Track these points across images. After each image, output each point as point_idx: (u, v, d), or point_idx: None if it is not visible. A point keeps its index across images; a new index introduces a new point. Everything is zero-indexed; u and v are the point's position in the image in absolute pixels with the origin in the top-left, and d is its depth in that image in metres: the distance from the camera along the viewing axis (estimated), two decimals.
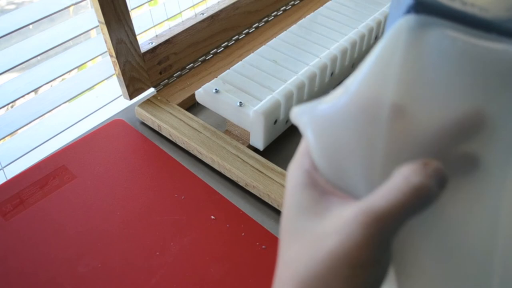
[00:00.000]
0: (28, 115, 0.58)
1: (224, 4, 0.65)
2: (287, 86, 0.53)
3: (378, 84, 0.22)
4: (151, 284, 0.43)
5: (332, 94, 0.24)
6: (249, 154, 0.52)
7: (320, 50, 0.59)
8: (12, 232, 0.47)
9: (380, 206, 0.19)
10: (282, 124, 0.55)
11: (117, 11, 0.51)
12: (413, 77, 0.22)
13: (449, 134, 0.21)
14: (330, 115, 0.23)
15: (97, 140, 0.56)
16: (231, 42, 0.68)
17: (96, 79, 0.64)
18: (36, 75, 0.58)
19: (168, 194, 0.51)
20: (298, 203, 0.23)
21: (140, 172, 0.53)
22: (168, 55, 0.60)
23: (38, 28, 0.62)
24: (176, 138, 0.56)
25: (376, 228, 0.19)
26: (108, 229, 0.47)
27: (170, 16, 0.64)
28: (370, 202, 0.20)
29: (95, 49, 0.63)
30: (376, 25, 0.64)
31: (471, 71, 0.21)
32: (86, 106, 0.64)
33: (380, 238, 0.19)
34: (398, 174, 0.20)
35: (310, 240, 0.21)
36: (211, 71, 0.64)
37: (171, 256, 0.45)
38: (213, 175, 0.53)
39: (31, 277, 0.43)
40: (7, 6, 1.22)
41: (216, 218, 0.48)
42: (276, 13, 0.74)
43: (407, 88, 0.22)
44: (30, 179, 0.52)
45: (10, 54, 0.55)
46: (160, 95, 0.60)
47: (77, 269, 0.44)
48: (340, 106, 0.23)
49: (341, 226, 0.20)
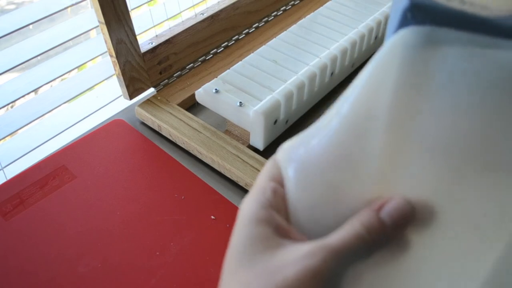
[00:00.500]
0: (28, 115, 0.58)
1: (224, 4, 0.65)
2: (287, 86, 0.53)
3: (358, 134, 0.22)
4: (151, 284, 0.43)
5: (317, 127, 0.24)
6: (249, 154, 0.52)
7: (320, 50, 0.59)
8: (12, 232, 0.47)
9: (334, 243, 0.21)
10: (282, 124, 0.55)
11: (117, 11, 0.51)
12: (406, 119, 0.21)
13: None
14: (312, 159, 0.24)
15: (97, 140, 0.56)
16: (231, 42, 0.68)
17: (96, 79, 0.64)
18: (36, 75, 0.58)
19: (168, 194, 0.51)
20: (250, 235, 0.23)
21: (140, 172, 0.53)
22: (168, 55, 0.60)
23: (38, 28, 0.62)
24: (176, 138, 0.56)
25: (331, 261, 0.21)
26: (108, 229, 0.47)
27: (170, 16, 0.64)
28: (327, 240, 0.22)
29: (95, 49, 0.63)
30: (376, 25, 0.64)
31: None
32: (86, 106, 0.64)
33: (334, 271, 0.21)
34: (352, 220, 0.23)
35: (263, 271, 0.21)
36: (211, 71, 0.64)
37: (171, 256, 0.45)
38: (213, 175, 0.53)
39: (31, 277, 0.43)
40: (7, 6, 1.22)
41: (216, 218, 0.48)
42: (276, 13, 0.74)
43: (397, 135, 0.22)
44: (30, 179, 0.52)
45: (10, 54, 0.55)
46: (160, 95, 0.60)
47: (77, 269, 0.44)
48: (320, 149, 0.23)
49: (298, 258, 0.21)
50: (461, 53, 0.20)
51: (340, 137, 0.22)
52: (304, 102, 0.57)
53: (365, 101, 0.22)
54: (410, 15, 0.20)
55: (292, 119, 0.57)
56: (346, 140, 0.22)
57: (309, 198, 0.24)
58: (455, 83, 0.20)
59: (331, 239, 0.22)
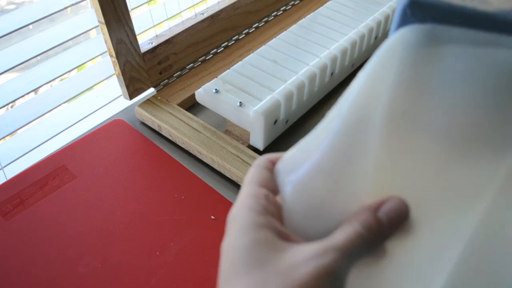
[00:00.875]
0: (28, 115, 0.58)
1: (224, 4, 0.65)
2: (287, 86, 0.53)
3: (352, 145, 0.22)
4: (151, 284, 0.43)
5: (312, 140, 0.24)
6: (249, 154, 0.52)
7: (320, 50, 0.59)
8: (12, 232, 0.47)
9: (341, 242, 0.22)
10: (282, 124, 0.55)
11: (117, 11, 0.51)
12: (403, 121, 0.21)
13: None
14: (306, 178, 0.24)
15: (97, 140, 0.56)
16: (231, 42, 0.68)
17: (96, 79, 0.64)
18: (36, 75, 0.58)
19: (168, 194, 0.51)
20: (254, 239, 0.23)
21: (140, 172, 0.53)
22: (168, 55, 0.60)
23: (38, 28, 0.62)
24: (176, 138, 0.56)
25: (342, 259, 0.22)
26: (108, 229, 0.47)
27: (170, 16, 0.64)
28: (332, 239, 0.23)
29: (95, 49, 0.63)
30: (376, 25, 0.64)
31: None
32: (86, 106, 0.64)
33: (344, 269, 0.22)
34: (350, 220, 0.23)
35: (276, 272, 0.22)
36: (211, 71, 0.64)
37: (171, 256, 0.45)
38: (213, 175, 0.53)
39: (31, 277, 0.43)
40: (7, 6, 1.22)
41: (216, 218, 0.48)
42: (276, 13, 0.74)
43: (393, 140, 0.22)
44: (30, 179, 0.52)
45: (10, 54, 0.55)
46: (160, 95, 0.60)
47: (77, 269, 0.44)
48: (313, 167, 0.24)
49: (310, 257, 0.22)
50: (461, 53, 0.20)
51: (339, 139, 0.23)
52: (304, 102, 0.57)
53: (364, 100, 0.22)
54: (409, 12, 0.20)
55: (292, 119, 0.57)
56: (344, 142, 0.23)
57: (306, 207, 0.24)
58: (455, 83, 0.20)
59: (336, 238, 0.22)
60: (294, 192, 0.24)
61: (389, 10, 0.66)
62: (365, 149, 0.22)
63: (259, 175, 0.26)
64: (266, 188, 0.25)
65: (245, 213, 0.24)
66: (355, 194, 0.23)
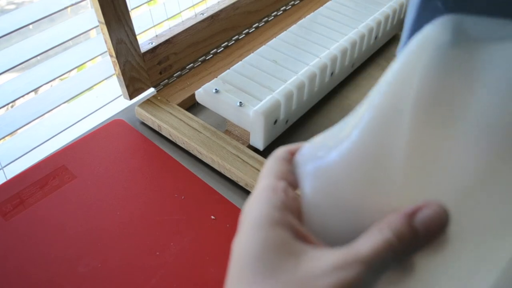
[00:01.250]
0: (28, 115, 0.58)
1: (224, 4, 0.65)
2: (287, 86, 0.53)
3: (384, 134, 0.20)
4: (151, 284, 0.43)
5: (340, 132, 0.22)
6: (249, 154, 0.52)
7: (320, 50, 0.59)
8: (12, 232, 0.47)
9: (366, 253, 0.20)
10: (282, 124, 0.55)
11: (117, 11, 0.51)
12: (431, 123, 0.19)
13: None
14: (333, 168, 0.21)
15: (97, 140, 0.56)
16: (231, 42, 0.68)
17: (96, 79, 0.64)
18: (36, 75, 0.58)
19: (168, 194, 0.51)
20: (266, 239, 0.21)
21: (140, 172, 0.53)
22: (168, 55, 0.60)
23: (38, 28, 0.62)
24: (176, 138, 0.56)
25: (366, 274, 0.19)
26: (108, 229, 0.47)
27: (170, 16, 0.64)
28: (356, 248, 0.20)
29: (95, 49, 0.63)
30: (376, 25, 0.64)
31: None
32: (86, 106, 0.64)
33: (368, 284, 0.20)
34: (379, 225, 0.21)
35: (291, 282, 0.20)
36: (211, 71, 0.64)
37: (171, 256, 0.45)
38: (213, 175, 0.53)
39: (31, 277, 0.43)
40: (7, 6, 1.22)
41: (216, 218, 0.48)
42: (276, 13, 0.74)
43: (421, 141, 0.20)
44: (30, 179, 0.52)
45: (10, 54, 0.55)
46: (160, 95, 0.60)
47: (77, 269, 0.44)
48: (344, 153, 0.21)
49: (331, 269, 0.20)
50: (497, 52, 0.18)
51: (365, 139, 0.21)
52: (304, 102, 0.57)
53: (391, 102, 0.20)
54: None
55: (292, 119, 0.57)
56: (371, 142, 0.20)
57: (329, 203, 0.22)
58: (496, 80, 0.18)
59: (361, 247, 0.20)
60: (316, 185, 0.22)
61: (389, 10, 0.66)
62: (399, 142, 0.20)
63: (278, 167, 0.23)
64: (285, 181, 0.23)
65: (259, 207, 0.21)
66: (387, 192, 0.21)
